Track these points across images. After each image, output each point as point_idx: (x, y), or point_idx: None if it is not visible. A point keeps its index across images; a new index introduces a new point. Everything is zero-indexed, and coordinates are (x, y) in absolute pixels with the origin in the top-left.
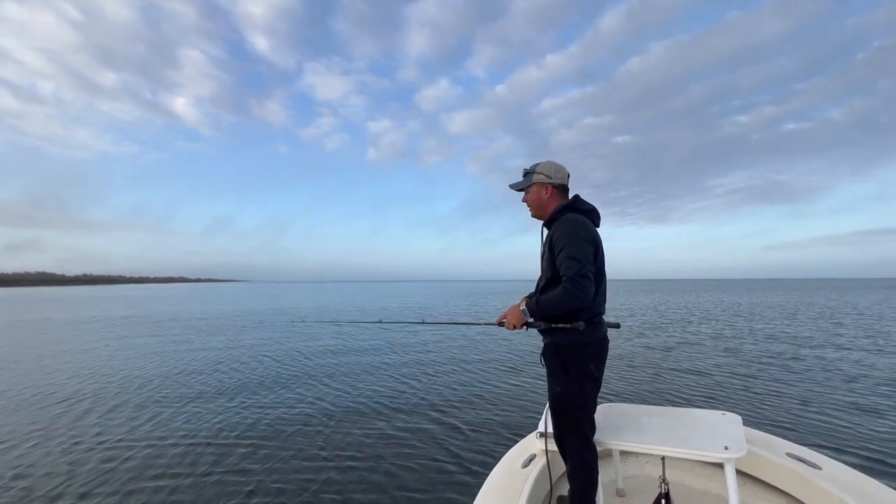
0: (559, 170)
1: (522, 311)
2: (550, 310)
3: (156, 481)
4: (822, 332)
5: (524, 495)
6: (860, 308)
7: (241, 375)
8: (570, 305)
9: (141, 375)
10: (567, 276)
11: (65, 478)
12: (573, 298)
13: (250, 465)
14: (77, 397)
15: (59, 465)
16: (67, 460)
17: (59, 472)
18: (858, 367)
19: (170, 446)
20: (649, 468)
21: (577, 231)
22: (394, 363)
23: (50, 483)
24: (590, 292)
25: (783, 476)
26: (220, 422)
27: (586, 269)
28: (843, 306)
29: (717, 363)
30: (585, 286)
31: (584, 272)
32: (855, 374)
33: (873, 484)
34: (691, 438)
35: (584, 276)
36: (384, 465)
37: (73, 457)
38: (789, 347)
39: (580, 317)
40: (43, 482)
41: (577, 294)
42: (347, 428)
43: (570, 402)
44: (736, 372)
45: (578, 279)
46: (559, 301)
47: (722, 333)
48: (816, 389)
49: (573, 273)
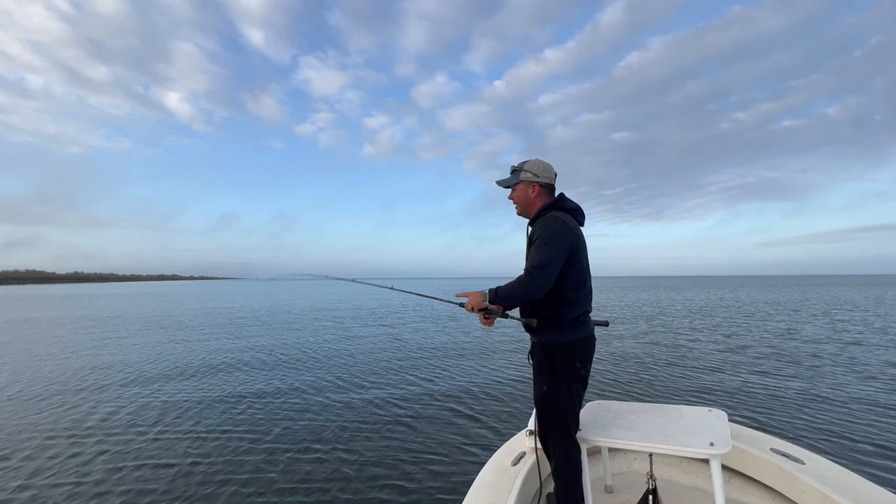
0: (547, 168)
1: (483, 295)
2: (505, 298)
3: (137, 471)
4: (808, 328)
5: (514, 493)
6: (848, 303)
7: (171, 366)
8: (522, 295)
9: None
10: (527, 267)
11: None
12: (525, 289)
13: (228, 461)
14: None
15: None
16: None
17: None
18: (843, 363)
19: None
20: (637, 464)
21: (555, 229)
22: (381, 360)
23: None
24: (542, 287)
25: (768, 471)
26: (150, 414)
27: (547, 265)
28: (832, 302)
29: (705, 359)
30: (539, 280)
31: (542, 266)
32: (839, 370)
33: (856, 478)
34: (678, 435)
35: (541, 270)
36: (372, 463)
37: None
38: (775, 344)
39: (565, 316)
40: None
41: (529, 286)
42: (333, 424)
43: (557, 400)
44: (722, 368)
45: (534, 272)
46: (513, 290)
47: (710, 330)
48: (801, 385)
49: (532, 265)
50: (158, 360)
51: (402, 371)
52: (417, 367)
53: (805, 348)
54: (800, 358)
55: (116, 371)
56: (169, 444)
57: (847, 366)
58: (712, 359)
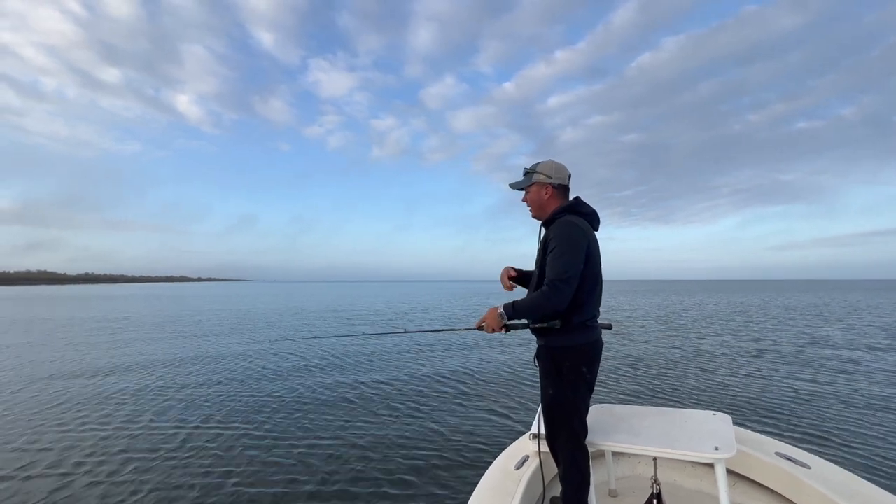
0: (560, 169)
1: (500, 315)
2: (526, 313)
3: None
4: (816, 332)
5: (517, 497)
6: (860, 308)
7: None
8: (545, 310)
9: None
10: (548, 279)
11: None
12: (548, 303)
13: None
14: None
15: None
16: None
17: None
18: (850, 368)
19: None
20: (641, 468)
21: (572, 235)
22: (382, 369)
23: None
24: (566, 299)
25: (773, 475)
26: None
27: (569, 276)
28: (844, 306)
29: (710, 363)
30: (563, 292)
31: (566, 278)
32: (845, 374)
33: (862, 483)
34: (682, 439)
35: (565, 283)
36: (376, 466)
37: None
38: (783, 348)
39: (573, 320)
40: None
41: (553, 299)
42: (339, 429)
43: (563, 404)
44: (727, 372)
45: (558, 284)
46: (535, 305)
47: (715, 334)
48: (806, 389)
49: (554, 277)
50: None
51: (403, 370)
52: (419, 368)
53: (812, 352)
54: (807, 362)
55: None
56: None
57: (855, 370)
58: (718, 362)
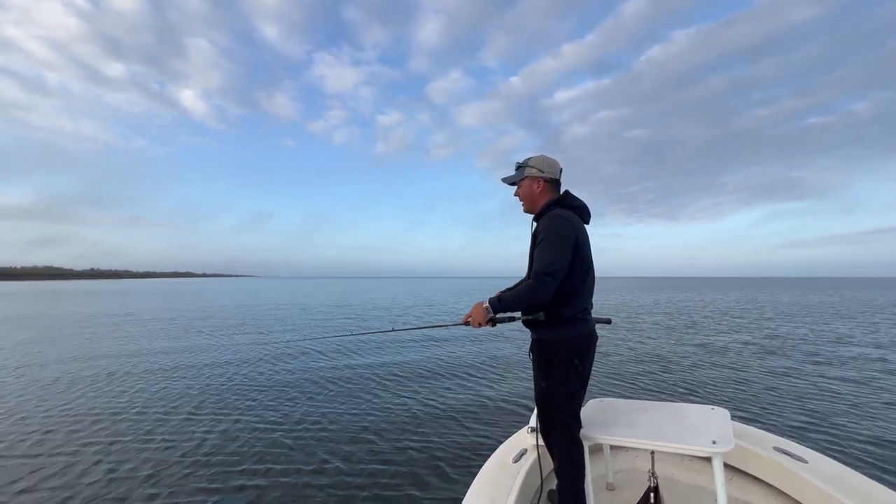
0: (551, 164)
1: (486, 309)
2: (512, 306)
3: None
4: (819, 328)
5: (515, 490)
6: (868, 305)
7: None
8: (530, 302)
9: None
10: (534, 271)
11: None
12: (533, 295)
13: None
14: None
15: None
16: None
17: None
18: (849, 364)
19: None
20: (639, 462)
21: (560, 229)
22: (376, 364)
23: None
24: (550, 291)
25: (770, 470)
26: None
27: (554, 269)
28: (848, 304)
29: (709, 358)
30: (548, 284)
31: (551, 271)
32: (844, 371)
33: (859, 478)
34: (680, 433)
35: (550, 275)
36: (375, 459)
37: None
38: (780, 344)
39: (563, 313)
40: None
41: (537, 291)
42: (337, 422)
43: (555, 397)
44: (726, 366)
45: (544, 276)
46: (520, 297)
47: (715, 329)
48: (804, 384)
49: (540, 269)
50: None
51: (402, 367)
52: (417, 363)
53: (813, 348)
54: (806, 357)
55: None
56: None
57: (854, 366)
58: (717, 358)
